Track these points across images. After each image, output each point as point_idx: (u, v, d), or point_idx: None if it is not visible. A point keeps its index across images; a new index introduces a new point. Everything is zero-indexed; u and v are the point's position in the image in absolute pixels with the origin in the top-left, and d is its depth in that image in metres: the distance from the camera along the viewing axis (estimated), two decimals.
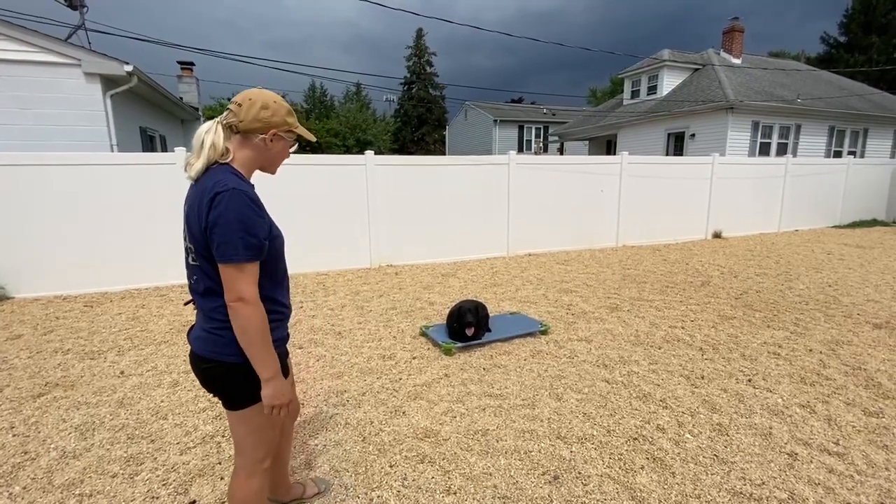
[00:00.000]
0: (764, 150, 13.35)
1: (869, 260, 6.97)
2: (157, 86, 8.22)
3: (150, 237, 5.35)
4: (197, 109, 11.97)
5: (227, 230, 1.16)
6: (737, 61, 15.66)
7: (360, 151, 6.45)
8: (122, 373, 3.15)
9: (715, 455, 2.21)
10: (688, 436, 2.38)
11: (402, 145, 37.16)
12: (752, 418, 2.54)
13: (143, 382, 3.01)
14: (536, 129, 26.12)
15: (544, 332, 3.85)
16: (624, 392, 2.85)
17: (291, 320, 4.29)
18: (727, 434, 2.38)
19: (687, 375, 3.07)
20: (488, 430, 2.43)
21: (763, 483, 2.01)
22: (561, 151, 21.82)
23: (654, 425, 2.48)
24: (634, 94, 16.88)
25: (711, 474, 2.07)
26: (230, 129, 1.30)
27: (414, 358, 3.36)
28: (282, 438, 1.66)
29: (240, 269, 1.19)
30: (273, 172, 1.47)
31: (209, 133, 1.27)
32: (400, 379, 3.03)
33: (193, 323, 1.43)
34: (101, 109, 6.78)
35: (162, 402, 2.76)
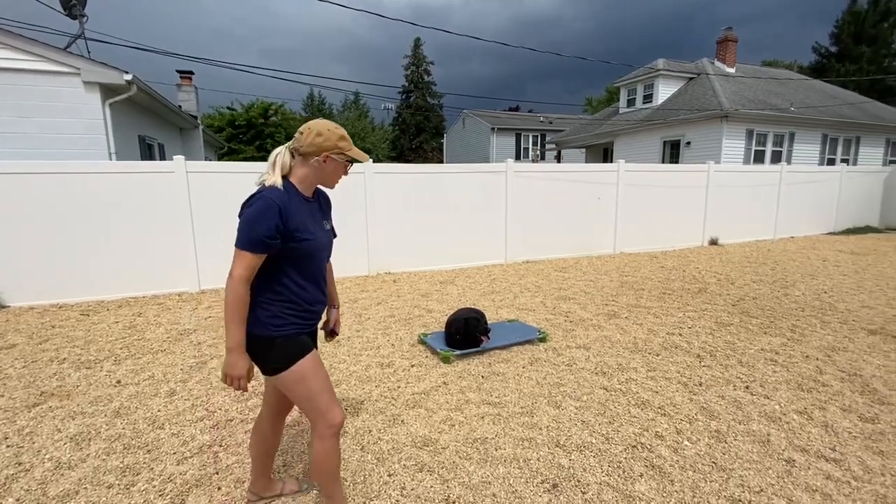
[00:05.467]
0: (758, 157, 13.48)
1: (863, 266, 7.02)
2: (156, 94, 8.25)
3: (148, 245, 5.34)
4: (196, 118, 12.00)
5: (242, 225, 1.50)
6: (731, 70, 15.85)
7: None
8: (118, 382, 3.14)
9: (713, 462, 2.21)
10: (686, 443, 2.38)
11: (400, 153, 37.31)
12: (750, 425, 2.54)
13: (140, 392, 2.99)
14: (534, 137, 26.29)
15: (542, 340, 3.85)
16: (622, 399, 2.85)
17: None
18: (725, 441, 2.39)
19: (685, 382, 3.08)
20: (487, 438, 2.42)
21: (761, 490, 2.01)
22: (558, 159, 21.95)
23: (653, 432, 2.48)
24: (630, 102, 17.05)
25: (710, 481, 2.07)
26: (295, 152, 1.60)
27: (412, 366, 3.36)
28: (271, 436, 1.86)
29: (239, 254, 1.49)
30: (331, 187, 1.81)
31: (279, 155, 1.60)
32: (398, 387, 3.03)
33: None
34: (99, 118, 6.80)
35: (159, 411, 2.74)
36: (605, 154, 18.43)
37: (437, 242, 6.80)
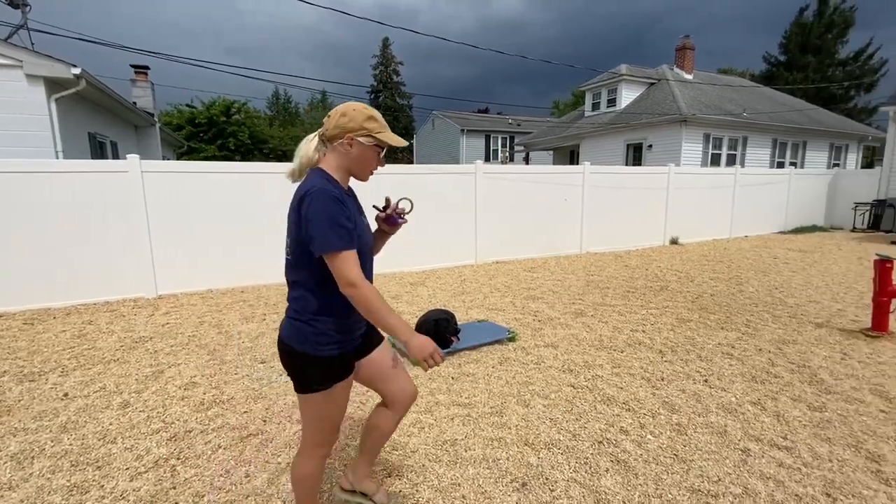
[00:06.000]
0: (715, 160, 14.11)
1: (810, 263, 7.46)
2: (108, 90, 7.83)
3: (100, 250, 5.06)
4: (152, 115, 11.47)
5: (320, 224, 1.30)
6: (689, 77, 16.54)
7: None
8: (65, 395, 2.94)
9: (675, 454, 2.28)
10: (649, 437, 2.45)
11: None
12: (709, 417, 2.65)
13: (90, 405, 2.82)
14: (503, 138, 26.60)
15: (512, 340, 3.88)
16: (589, 396, 2.91)
17: (255, 333, 4.11)
18: (686, 434, 2.47)
19: (648, 378, 3.17)
20: (457, 439, 2.42)
21: (719, 480, 2.10)
22: (526, 161, 22.28)
23: (618, 428, 2.54)
24: (595, 106, 17.50)
25: (672, 473, 2.14)
26: (322, 138, 1.46)
27: None
28: (381, 431, 1.73)
29: (340, 257, 1.31)
30: (364, 179, 1.55)
31: (305, 143, 1.48)
32: (367, 391, 2.98)
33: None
34: (44, 114, 6.39)
35: (110, 424, 2.59)
36: (571, 156, 18.85)
37: (407, 243, 6.74)
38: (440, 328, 3.42)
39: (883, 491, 2.02)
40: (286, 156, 21.07)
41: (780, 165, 15.17)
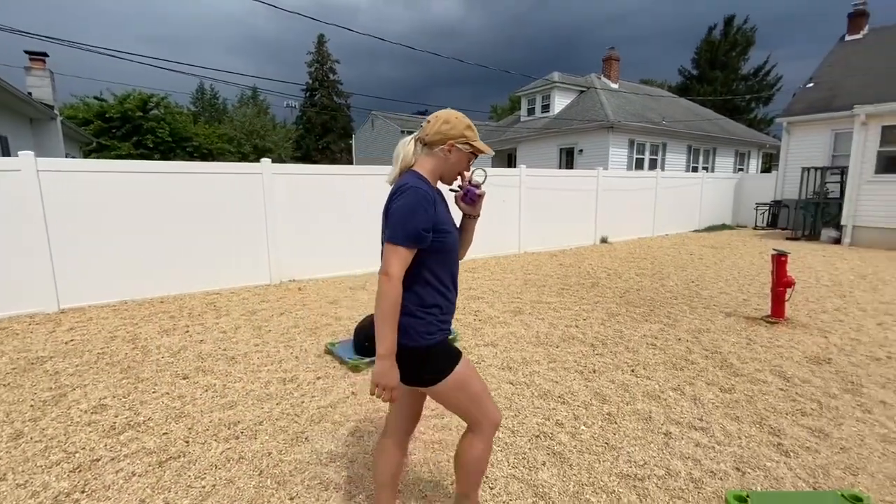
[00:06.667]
0: (639, 164, 15.18)
1: (721, 258, 8.23)
2: None
3: None
4: (52, 107, 10.26)
5: (397, 218, 1.39)
6: (615, 86, 17.66)
7: (258, 159, 6.02)
8: None
9: (606, 443, 2.40)
10: (583, 427, 2.55)
11: (305, 153, 35.71)
12: (636, 405, 2.81)
13: None
14: None
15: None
16: (527, 392, 2.99)
17: (177, 347, 3.80)
18: (616, 422, 2.61)
19: (581, 370, 3.32)
20: None
21: (645, 463, 2.23)
22: None
23: (554, 421, 2.62)
24: (530, 111, 18.16)
25: (603, 461, 2.24)
26: (420, 142, 1.54)
27: (318, 378, 3.18)
28: (402, 456, 1.73)
29: (395, 250, 1.38)
30: (449, 183, 1.63)
31: (404, 145, 1.54)
32: (303, 402, 2.84)
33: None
34: None
35: None
36: (509, 159, 19.42)
37: (347, 246, 6.58)
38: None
39: (783, 462, 2.25)
40: (212, 155, 19.68)
41: (695, 170, 16.63)
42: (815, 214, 11.07)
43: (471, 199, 1.69)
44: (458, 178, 1.67)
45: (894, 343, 3.86)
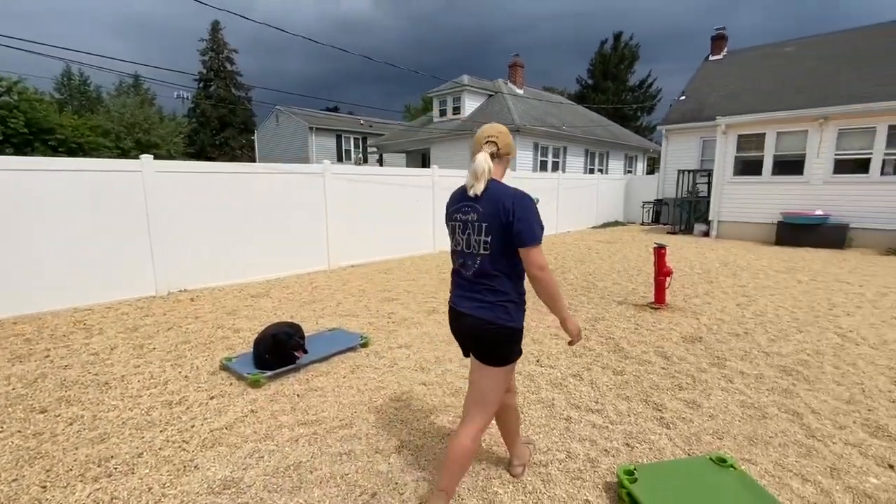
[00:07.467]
0: (543, 166, 16.16)
1: (613, 252, 9.05)
2: None
3: None
4: None
5: (532, 222, 1.64)
6: (520, 91, 18.59)
7: (142, 155, 5.33)
8: None
9: None
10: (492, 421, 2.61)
11: (201, 149, 32.66)
12: (540, 393, 2.95)
13: None
14: (355, 139, 26.18)
15: (365, 345, 3.79)
16: (439, 391, 2.99)
17: (32, 375, 3.23)
18: (523, 412, 2.71)
19: None
20: (301, 462, 2.22)
21: (548, 449, 2.34)
22: (380, 163, 22.33)
23: None
24: (442, 112, 18.44)
25: (505, 453, 2.30)
26: (494, 155, 1.79)
27: (212, 398, 2.89)
28: (514, 410, 2.08)
29: (538, 248, 1.66)
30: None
31: (485, 162, 1.72)
32: (192, 426, 2.55)
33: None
34: None
35: None
36: (423, 159, 19.53)
37: (246, 251, 6.10)
38: (280, 344, 3.13)
39: (664, 433, 2.50)
40: (82, 149, 17.10)
41: (591, 172, 18.13)
42: (688, 211, 12.66)
43: None
44: None
45: (749, 321, 4.53)
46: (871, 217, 9.23)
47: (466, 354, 1.87)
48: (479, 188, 1.71)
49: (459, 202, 1.80)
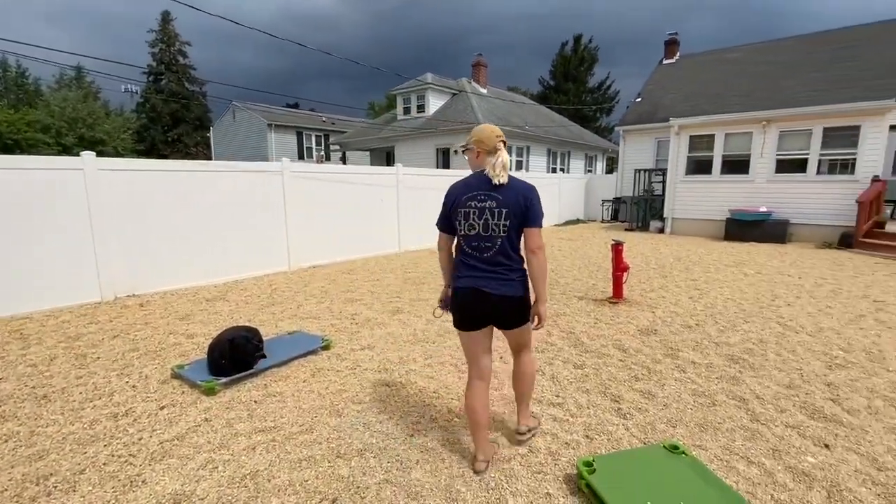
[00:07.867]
0: None
1: (575, 249, 9.29)
2: None
3: None
4: None
5: (538, 207, 2.03)
6: (484, 91, 18.74)
7: (83, 152, 4.98)
8: None
9: None
10: (455, 420, 2.62)
11: (151, 146, 31.05)
12: (503, 390, 2.98)
13: None
14: (317, 136, 25.61)
15: (326, 348, 3.70)
16: (402, 391, 2.97)
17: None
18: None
19: (455, 364, 3.41)
20: (258, 471, 2.15)
21: (511, 445, 2.36)
22: (343, 161, 21.95)
23: (428, 417, 2.64)
24: (406, 110, 18.32)
25: (467, 451, 2.31)
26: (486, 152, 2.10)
27: (162, 408, 2.74)
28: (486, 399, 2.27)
29: (540, 230, 2.03)
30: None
31: (506, 157, 2.07)
32: (140, 439, 2.42)
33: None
34: None
35: None
36: (387, 157, 19.35)
37: (201, 253, 5.84)
38: (238, 349, 3.01)
39: (622, 424, 2.58)
40: (19, 146, 15.93)
41: (554, 171, 18.53)
42: (644, 209, 13.16)
43: None
44: None
45: (701, 312, 4.76)
46: (809, 213, 9.92)
47: (473, 328, 2.13)
48: (504, 178, 2.02)
49: (474, 190, 2.05)
